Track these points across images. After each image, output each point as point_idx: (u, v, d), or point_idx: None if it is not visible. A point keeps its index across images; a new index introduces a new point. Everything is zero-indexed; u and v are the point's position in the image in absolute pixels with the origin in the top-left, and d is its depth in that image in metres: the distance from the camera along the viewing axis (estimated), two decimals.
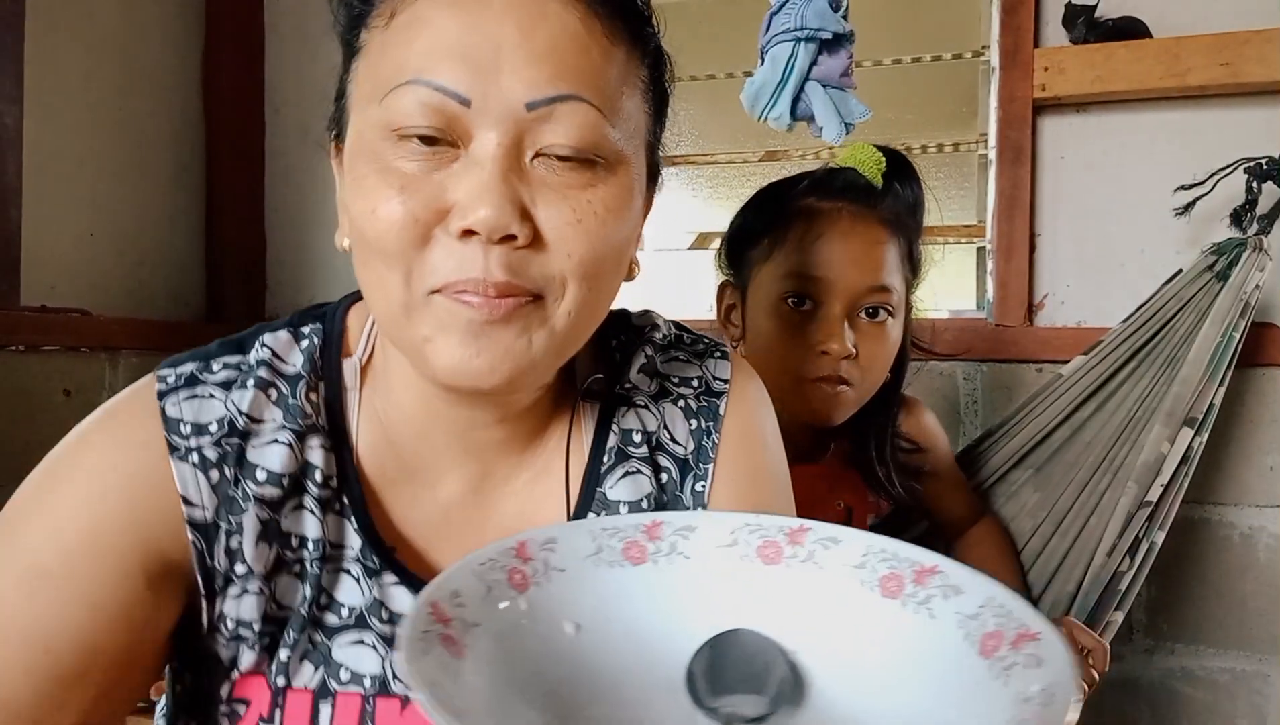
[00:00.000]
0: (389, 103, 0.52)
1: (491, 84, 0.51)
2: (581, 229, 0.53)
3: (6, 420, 1.40)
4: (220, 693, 0.60)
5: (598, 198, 0.54)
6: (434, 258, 0.52)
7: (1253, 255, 1.28)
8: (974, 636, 0.45)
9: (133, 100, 1.67)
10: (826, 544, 0.53)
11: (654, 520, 0.56)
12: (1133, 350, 1.30)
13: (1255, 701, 1.51)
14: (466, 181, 0.52)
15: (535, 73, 0.51)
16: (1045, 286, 1.59)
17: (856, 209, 1.07)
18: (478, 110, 0.51)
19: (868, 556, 0.51)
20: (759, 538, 0.54)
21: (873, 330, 1.06)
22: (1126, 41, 1.45)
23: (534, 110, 0.52)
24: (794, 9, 1.20)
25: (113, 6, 1.63)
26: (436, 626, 0.45)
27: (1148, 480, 1.19)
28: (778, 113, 1.23)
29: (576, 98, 0.53)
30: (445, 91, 0.51)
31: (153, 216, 1.73)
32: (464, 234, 0.51)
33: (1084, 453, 1.28)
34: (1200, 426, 1.22)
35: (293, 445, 0.59)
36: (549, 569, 0.52)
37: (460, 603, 0.48)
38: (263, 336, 0.63)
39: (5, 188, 1.42)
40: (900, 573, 0.50)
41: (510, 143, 0.52)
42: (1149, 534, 1.18)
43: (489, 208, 0.50)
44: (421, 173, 0.52)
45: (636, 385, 0.69)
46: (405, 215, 0.52)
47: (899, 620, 0.49)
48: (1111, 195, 1.56)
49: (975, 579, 0.48)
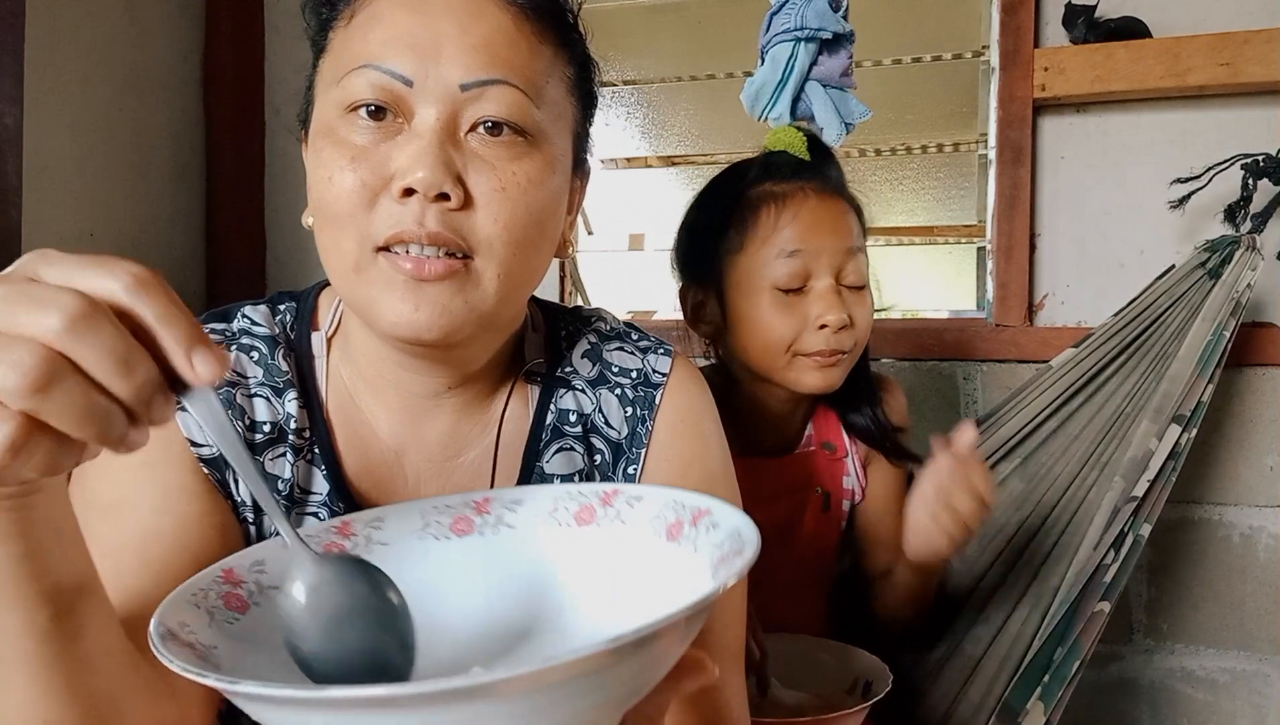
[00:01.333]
0: (344, 84, 0.61)
1: (432, 67, 0.60)
2: (506, 196, 0.61)
3: None
4: None
5: (522, 170, 0.62)
6: (379, 217, 0.60)
7: (1245, 253, 1.28)
8: (660, 531, 0.54)
9: (133, 100, 1.67)
10: (631, 502, 0.59)
11: (484, 497, 0.61)
12: (1123, 345, 1.30)
13: (1255, 701, 1.51)
14: (408, 149, 0.60)
15: (470, 60, 0.60)
16: (1045, 286, 1.59)
17: (814, 185, 1.10)
18: (419, 89, 0.60)
19: (663, 508, 0.57)
20: (577, 503, 0.60)
21: (858, 298, 1.09)
22: (1126, 41, 1.45)
23: (467, 91, 0.60)
24: (794, 9, 1.20)
25: (113, 6, 1.63)
26: (223, 586, 0.48)
27: (1134, 476, 1.19)
28: (778, 113, 1.24)
29: (505, 82, 0.61)
30: (392, 74, 0.60)
31: (153, 216, 1.73)
32: (404, 193, 0.59)
33: (1072, 446, 1.29)
34: (1188, 423, 1.22)
35: (271, 399, 0.68)
36: (370, 543, 0.56)
37: (261, 570, 0.51)
38: (244, 308, 0.71)
39: (5, 188, 1.42)
40: (682, 518, 0.56)
41: (447, 117, 0.60)
42: (1134, 528, 1.19)
43: (425, 169, 0.58)
44: (370, 144, 0.60)
45: (577, 369, 0.76)
46: (355, 181, 0.60)
47: (676, 557, 0.54)
48: (1111, 195, 1.56)
49: (656, 490, 0.57)
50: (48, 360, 0.36)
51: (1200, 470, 1.50)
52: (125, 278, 0.39)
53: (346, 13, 0.64)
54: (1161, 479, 1.20)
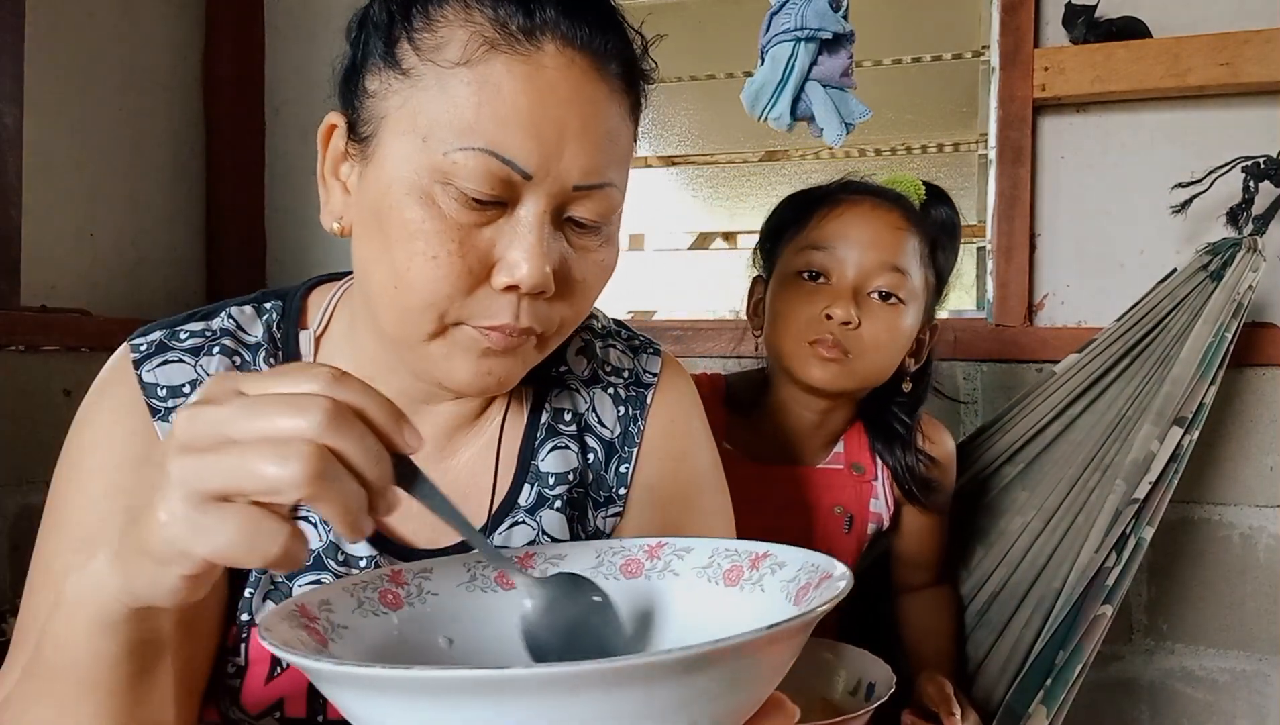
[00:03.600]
0: (455, 158, 0.56)
1: (553, 163, 0.57)
2: (586, 286, 0.63)
3: (6, 420, 1.40)
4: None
5: (601, 259, 0.64)
6: (476, 304, 0.59)
7: (1247, 255, 1.28)
8: (791, 594, 0.53)
9: (133, 100, 1.67)
10: (680, 554, 0.60)
11: (526, 552, 0.62)
12: (1125, 348, 1.30)
13: (1255, 701, 1.51)
14: (516, 245, 0.58)
15: (589, 161, 0.59)
16: (1045, 286, 1.59)
17: (882, 202, 1.12)
18: (536, 183, 0.58)
19: (714, 557, 0.58)
20: (621, 557, 0.61)
21: (882, 311, 1.08)
22: (1126, 41, 1.45)
23: (579, 191, 0.59)
24: (794, 9, 1.20)
25: (113, 6, 1.63)
26: (301, 619, 0.49)
27: (1136, 478, 1.19)
28: (778, 113, 1.23)
29: (611, 185, 0.61)
30: (514, 166, 0.56)
31: (153, 216, 1.73)
32: (507, 288, 0.58)
33: (1074, 450, 1.29)
34: (1190, 425, 1.22)
35: None
36: (423, 593, 0.58)
37: (329, 608, 0.52)
38: (229, 308, 0.71)
39: (5, 188, 1.42)
40: (740, 564, 0.57)
41: (554, 212, 0.59)
42: (1136, 530, 1.18)
43: (534, 273, 0.58)
44: (474, 226, 0.58)
45: (571, 367, 0.77)
46: (462, 268, 0.58)
47: (738, 601, 0.56)
48: (1111, 195, 1.56)
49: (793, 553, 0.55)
50: (323, 454, 0.40)
51: (1201, 470, 1.50)
52: (325, 376, 0.42)
53: (445, 48, 0.57)
54: (1163, 482, 1.20)
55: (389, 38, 0.60)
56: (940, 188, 1.21)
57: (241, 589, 0.65)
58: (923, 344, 1.16)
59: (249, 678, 0.65)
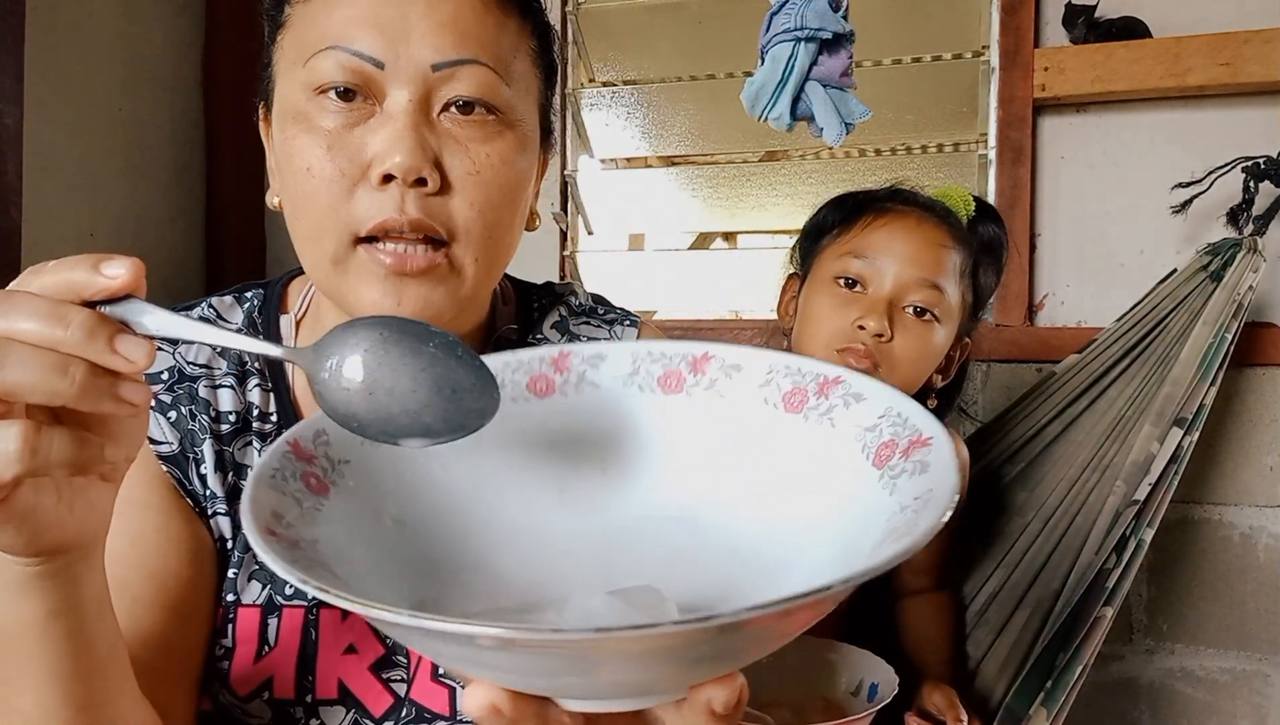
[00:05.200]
0: (312, 65, 0.59)
1: (402, 48, 0.59)
2: (481, 179, 0.61)
3: None
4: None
5: (494, 150, 0.62)
6: (359, 206, 0.59)
7: (1247, 256, 1.28)
8: (870, 448, 0.45)
9: (133, 100, 1.67)
10: (729, 372, 0.52)
11: (561, 351, 0.55)
12: (1125, 349, 1.30)
13: (1255, 701, 1.51)
14: (383, 133, 0.59)
15: (440, 39, 0.59)
16: (1045, 286, 1.59)
17: (929, 216, 1.10)
18: (390, 71, 0.59)
19: (772, 374, 0.50)
20: (660, 367, 0.53)
21: (915, 326, 1.07)
22: (1126, 41, 1.45)
23: (439, 71, 0.59)
24: (794, 9, 1.20)
25: (113, 6, 1.63)
26: (298, 464, 0.44)
27: (1136, 479, 1.19)
28: (778, 113, 1.23)
29: (475, 61, 0.60)
30: (361, 56, 0.58)
31: (153, 216, 1.73)
32: (383, 180, 0.58)
33: (1074, 451, 1.29)
34: (1190, 426, 1.22)
35: (234, 388, 0.68)
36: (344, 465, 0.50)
37: (326, 441, 0.47)
38: (209, 300, 0.73)
39: (5, 188, 1.42)
40: (804, 387, 0.49)
41: (419, 98, 0.59)
42: (1136, 532, 1.18)
43: (403, 154, 0.58)
44: (343, 128, 0.59)
45: (547, 337, 0.77)
46: (334, 170, 0.59)
47: (802, 433, 0.48)
48: (1111, 195, 1.56)
49: (875, 387, 0.47)
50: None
51: (1201, 470, 1.50)
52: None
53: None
54: (1163, 483, 1.20)
55: (275, 5, 0.64)
56: (989, 205, 1.20)
57: (225, 571, 0.66)
58: (952, 361, 1.16)
59: (237, 658, 0.65)
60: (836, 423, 0.48)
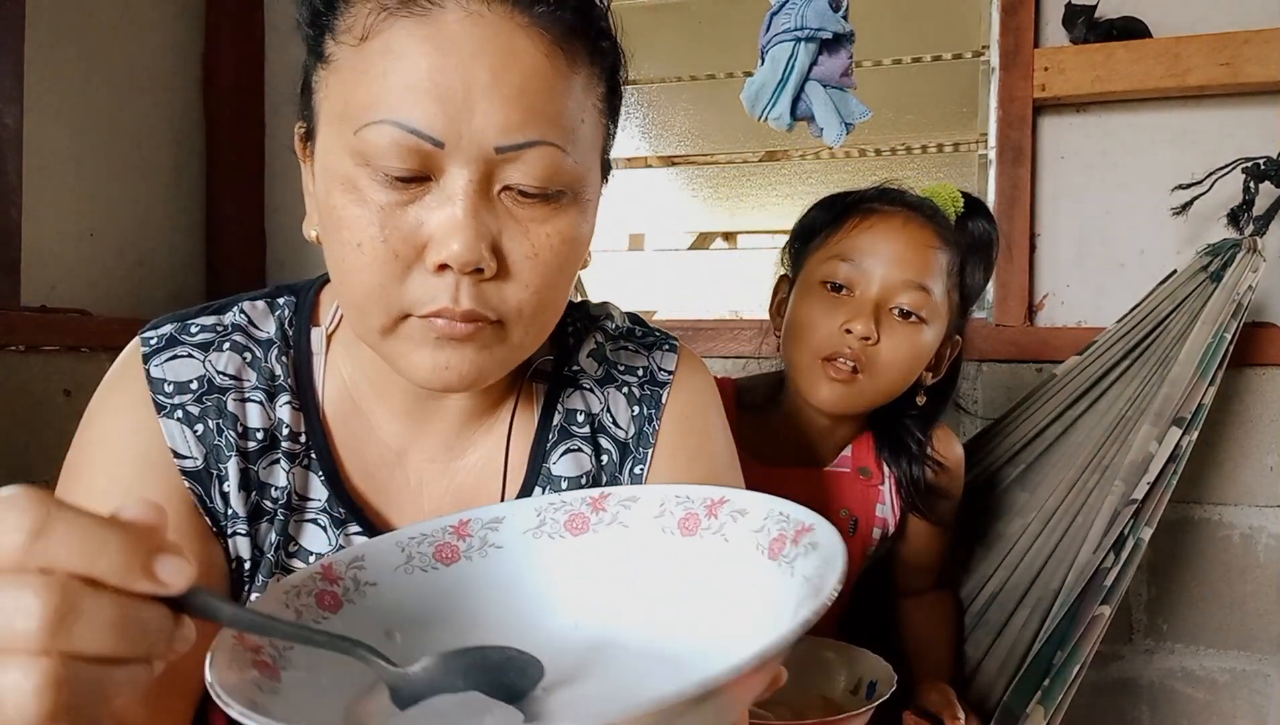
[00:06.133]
0: (364, 136, 0.54)
1: (464, 125, 0.53)
2: (539, 262, 0.58)
3: (7, 420, 1.40)
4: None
5: (555, 231, 0.58)
6: (412, 290, 0.56)
7: (1247, 256, 1.28)
8: (763, 546, 0.51)
9: (133, 100, 1.67)
10: (627, 504, 0.56)
11: (460, 520, 0.58)
12: (1126, 350, 1.30)
13: (1255, 701, 1.51)
14: (441, 215, 0.55)
15: (505, 117, 0.54)
16: (1045, 286, 1.59)
17: (915, 216, 1.09)
18: (450, 150, 0.54)
19: (664, 505, 0.55)
20: (564, 513, 0.57)
21: (902, 329, 1.07)
22: (1126, 41, 1.45)
23: (503, 153, 0.55)
24: (794, 9, 1.20)
25: (113, 6, 1.63)
26: (246, 654, 0.44)
27: (1135, 479, 1.19)
28: (778, 113, 1.23)
29: (542, 142, 0.55)
30: (420, 135, 0.53)
31: (153, 216, 1.73)
32: (439, 268, 0.55)
33: (1074, 452, 1.29)
34: (1189, 426, 1.22)
35: (264, 403, 0.66)
36: (360, 585, 0.54)
37: (360, 566, 0.50)
38: (241, 303, 0.69)
39: (5, 188, 1.42)
40: (695, 511, 0.54)
41: (480, 180, 0.55)
42: (1135, 531, 1.18)
43: (461, 244, 0.54)
44: (397, 205, 0.55)
45: (584, 368, 0.75)
46: (387, 252, 0.55)
47: (700, 551, 0.53)
48: (1111, 195, 1.56)
49: (755, 499, 0.53)
50: (57, 672, 0.33)
51: (1200, 470, 1.50)
52: (25, 528, 0.34)
53: (354, 28, 0.56)
54: (1162, 482, 1.20)
55: (315, 32, 0.59)
56: (979, 201, 1.19)
57: (239, 591, 0.65)
58: (942, 359, 1.15)
59: None
60: (729, 537, 0.53)
